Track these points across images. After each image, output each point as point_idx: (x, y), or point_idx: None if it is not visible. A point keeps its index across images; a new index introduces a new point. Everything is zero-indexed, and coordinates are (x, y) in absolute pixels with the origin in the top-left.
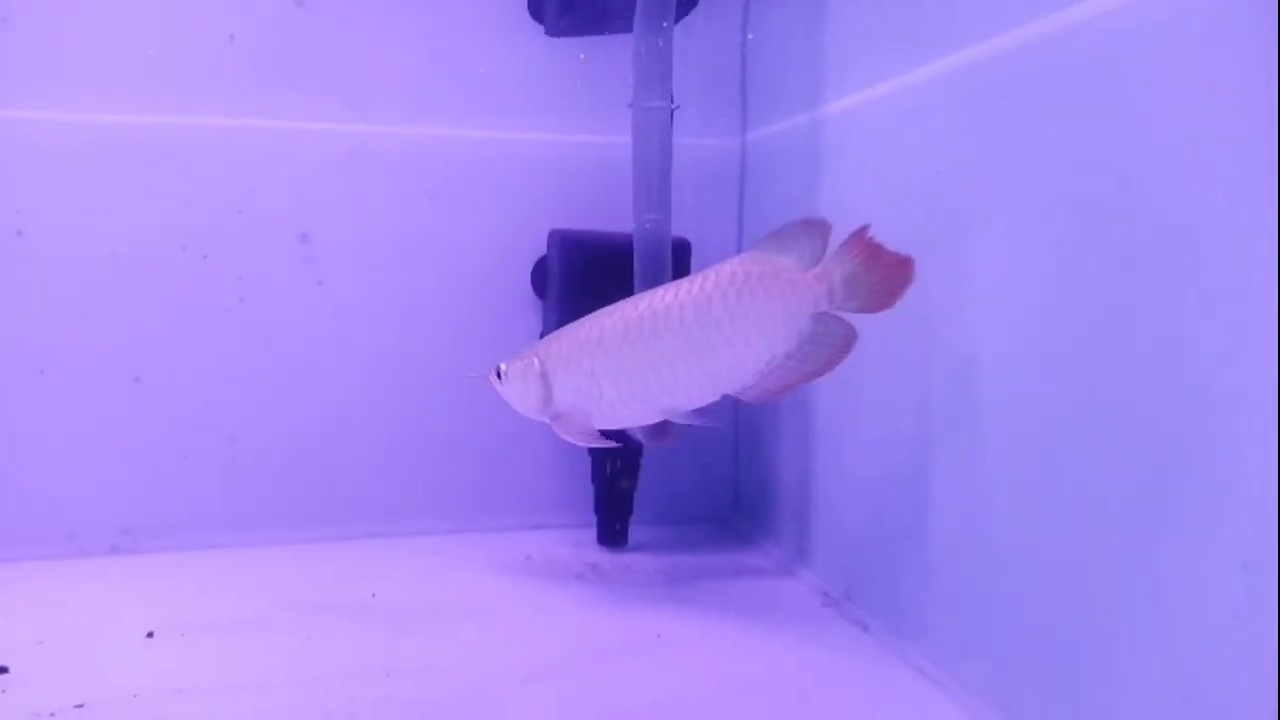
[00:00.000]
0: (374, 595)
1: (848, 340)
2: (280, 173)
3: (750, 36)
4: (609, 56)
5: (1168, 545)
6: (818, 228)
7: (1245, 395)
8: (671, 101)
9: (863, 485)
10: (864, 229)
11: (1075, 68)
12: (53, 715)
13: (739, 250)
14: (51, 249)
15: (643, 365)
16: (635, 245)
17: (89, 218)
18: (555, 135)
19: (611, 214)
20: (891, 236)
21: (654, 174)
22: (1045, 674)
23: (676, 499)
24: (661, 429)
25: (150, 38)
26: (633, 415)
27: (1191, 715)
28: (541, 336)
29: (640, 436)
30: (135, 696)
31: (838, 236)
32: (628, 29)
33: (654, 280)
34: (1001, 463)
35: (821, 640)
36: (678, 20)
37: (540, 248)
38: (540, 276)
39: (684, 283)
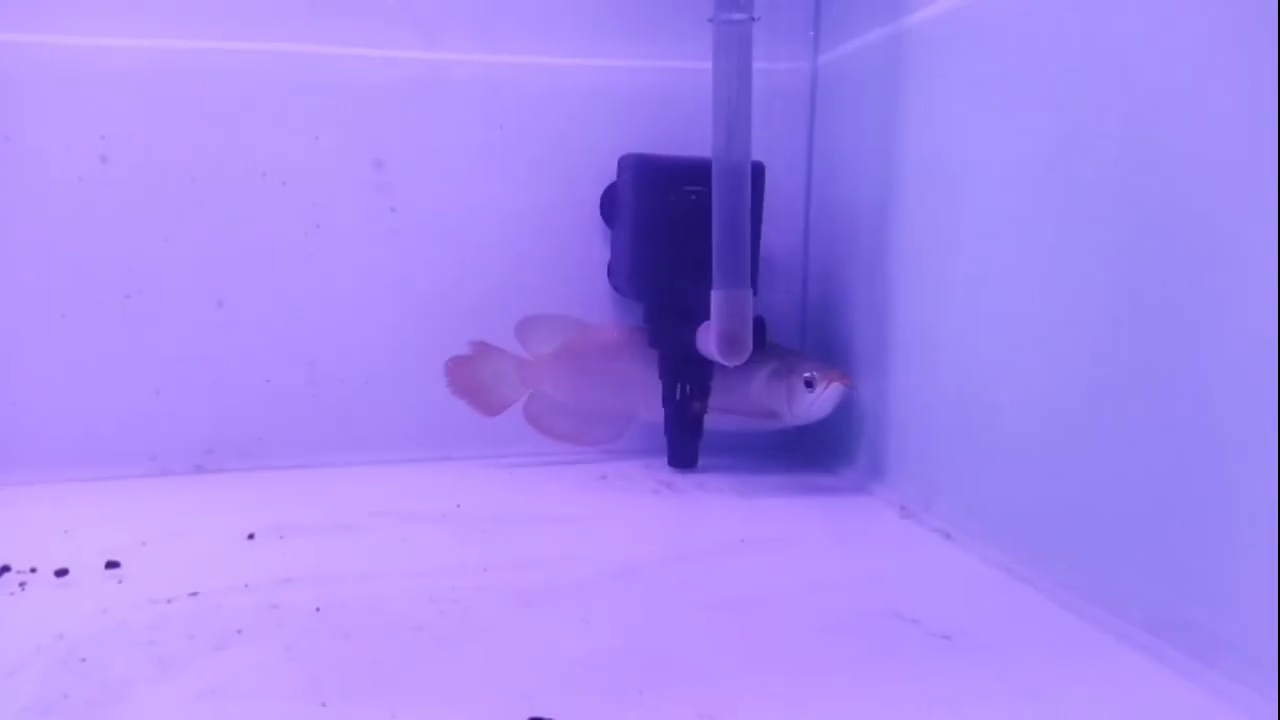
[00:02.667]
0: (459, 506)
1: None
2: (354, 100)
3: None
4: None
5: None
6: None
7: None
8: (752, 14)
9: (942, 401)
10: None
11: None
12: (169, 601)
13: (809, 176)
14: (134, 175)
15: None
16: (714, 167)
17: (170, 145)
18: (625, 61)
19: (681, 141)
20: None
21: (735, 92)
22: (1140, 564)
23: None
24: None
25: None
26: None
27: None
28: (609, 265)
29: (714, 355)
30: (246, 586)
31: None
32: None
33: (734, 204)
34: (1083, 370)
35: (904, 545)
36: None
37: (609, 175)
38: (609, 204)
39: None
